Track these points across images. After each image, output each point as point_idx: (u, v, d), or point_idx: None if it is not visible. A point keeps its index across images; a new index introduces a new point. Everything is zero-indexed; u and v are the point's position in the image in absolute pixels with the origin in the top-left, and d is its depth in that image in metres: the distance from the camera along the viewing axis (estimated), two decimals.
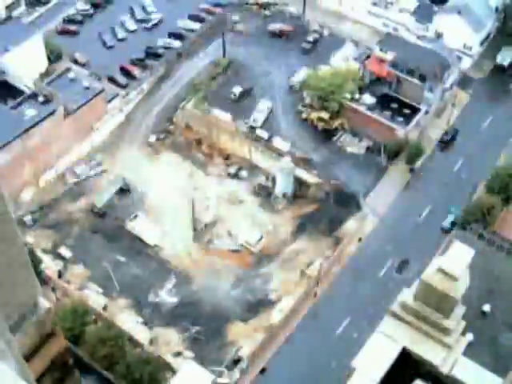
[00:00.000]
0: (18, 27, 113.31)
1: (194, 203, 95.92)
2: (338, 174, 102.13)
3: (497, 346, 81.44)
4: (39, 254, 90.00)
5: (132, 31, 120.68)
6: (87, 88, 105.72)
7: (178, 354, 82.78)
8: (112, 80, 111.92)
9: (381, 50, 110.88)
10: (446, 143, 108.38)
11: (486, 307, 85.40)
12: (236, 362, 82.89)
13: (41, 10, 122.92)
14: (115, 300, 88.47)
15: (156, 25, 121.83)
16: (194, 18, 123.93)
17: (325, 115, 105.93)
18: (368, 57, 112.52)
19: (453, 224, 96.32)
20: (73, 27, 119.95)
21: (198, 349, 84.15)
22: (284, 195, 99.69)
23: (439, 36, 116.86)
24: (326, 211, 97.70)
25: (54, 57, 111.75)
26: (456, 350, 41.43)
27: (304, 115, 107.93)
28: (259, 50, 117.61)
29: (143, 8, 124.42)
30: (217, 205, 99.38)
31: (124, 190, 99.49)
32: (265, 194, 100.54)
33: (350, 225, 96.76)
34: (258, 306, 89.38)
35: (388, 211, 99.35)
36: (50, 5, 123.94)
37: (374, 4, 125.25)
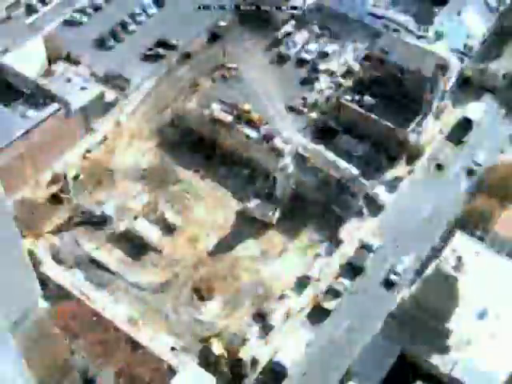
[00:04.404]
0: (18, 27, 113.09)
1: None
2: (338, 174, 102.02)
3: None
4: (39, 254, 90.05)
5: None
6: (87, 88, 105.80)
7: (178, 353, 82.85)
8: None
9: (381, 50, 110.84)
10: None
11: (486, 308, 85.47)
12: None
13: (41, 10, 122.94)
14: (115, 299, 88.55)
15: None
16: None
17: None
18: (368, 57, 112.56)
19: None
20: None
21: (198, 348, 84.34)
22: (284, 195, 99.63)
23: (439, 36, 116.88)
24: (326, 211, 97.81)
25: (54, 57, 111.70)
26: (456, 351, 41.58)
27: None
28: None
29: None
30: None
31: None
32: (265, 193, 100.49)
33: (350, 225, 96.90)
34: (258, 306, 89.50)
35: (388, 211, 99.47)
36: (50, 5, 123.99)
37: (374, 5, 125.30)
